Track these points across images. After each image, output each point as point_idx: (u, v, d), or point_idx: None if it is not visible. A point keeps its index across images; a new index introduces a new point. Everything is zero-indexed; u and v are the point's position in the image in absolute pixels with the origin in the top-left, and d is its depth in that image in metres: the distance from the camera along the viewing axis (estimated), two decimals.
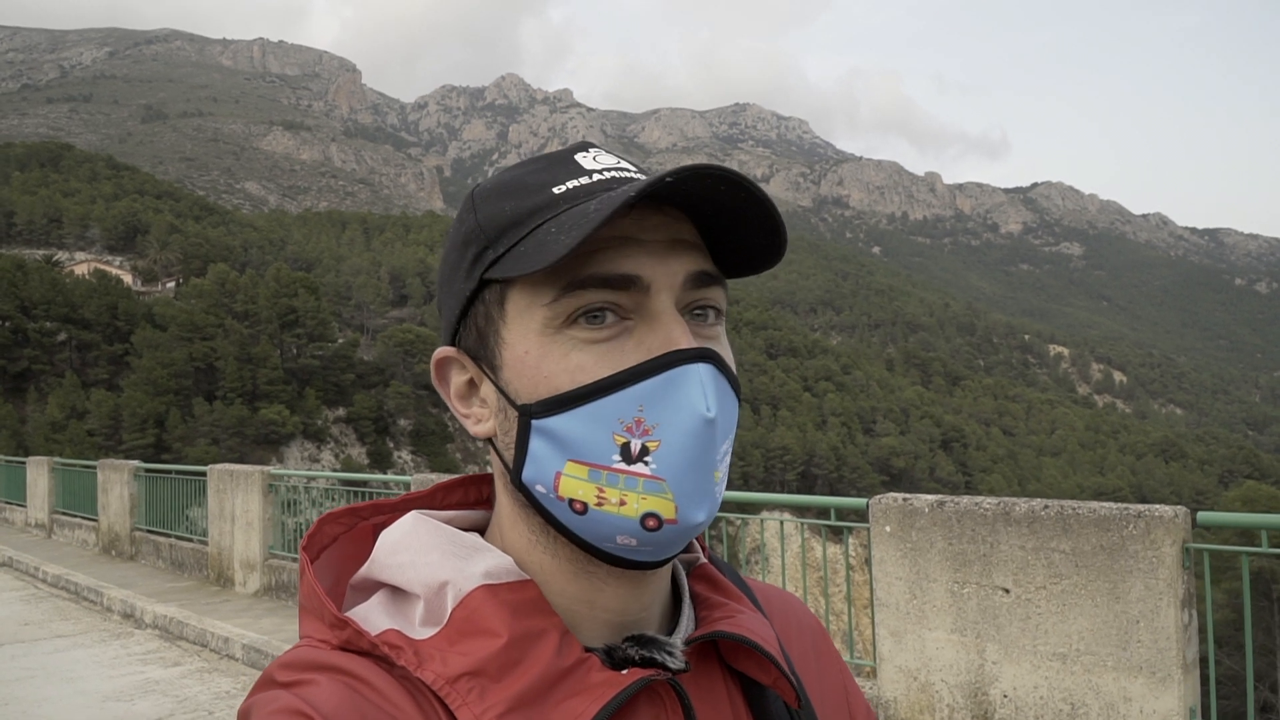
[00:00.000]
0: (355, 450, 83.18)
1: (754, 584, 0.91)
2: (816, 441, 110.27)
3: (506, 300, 0.71)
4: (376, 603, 0.73)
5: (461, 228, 0.74)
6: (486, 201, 0.73)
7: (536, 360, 0.69)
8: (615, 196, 0.65)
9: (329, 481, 11.78)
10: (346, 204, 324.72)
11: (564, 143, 0.80)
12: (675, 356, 0.67)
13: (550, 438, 0.69)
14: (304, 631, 0.72)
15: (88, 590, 11.61)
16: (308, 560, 0.76)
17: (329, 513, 0.81)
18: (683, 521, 0.68)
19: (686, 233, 0.71)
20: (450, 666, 0.67)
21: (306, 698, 0.64)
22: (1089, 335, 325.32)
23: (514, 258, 0.69)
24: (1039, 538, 4.49)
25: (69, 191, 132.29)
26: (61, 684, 7.64)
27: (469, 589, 0.70)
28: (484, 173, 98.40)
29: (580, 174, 0.72)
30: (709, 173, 0.66)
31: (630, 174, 0.73)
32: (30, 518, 18.69)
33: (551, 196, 0.70)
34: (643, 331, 0.69)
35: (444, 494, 0.84)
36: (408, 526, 0.76)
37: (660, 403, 0.67)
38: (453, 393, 0.77)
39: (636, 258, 0.68)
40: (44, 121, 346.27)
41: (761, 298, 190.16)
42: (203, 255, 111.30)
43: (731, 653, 0.77)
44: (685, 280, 0.70)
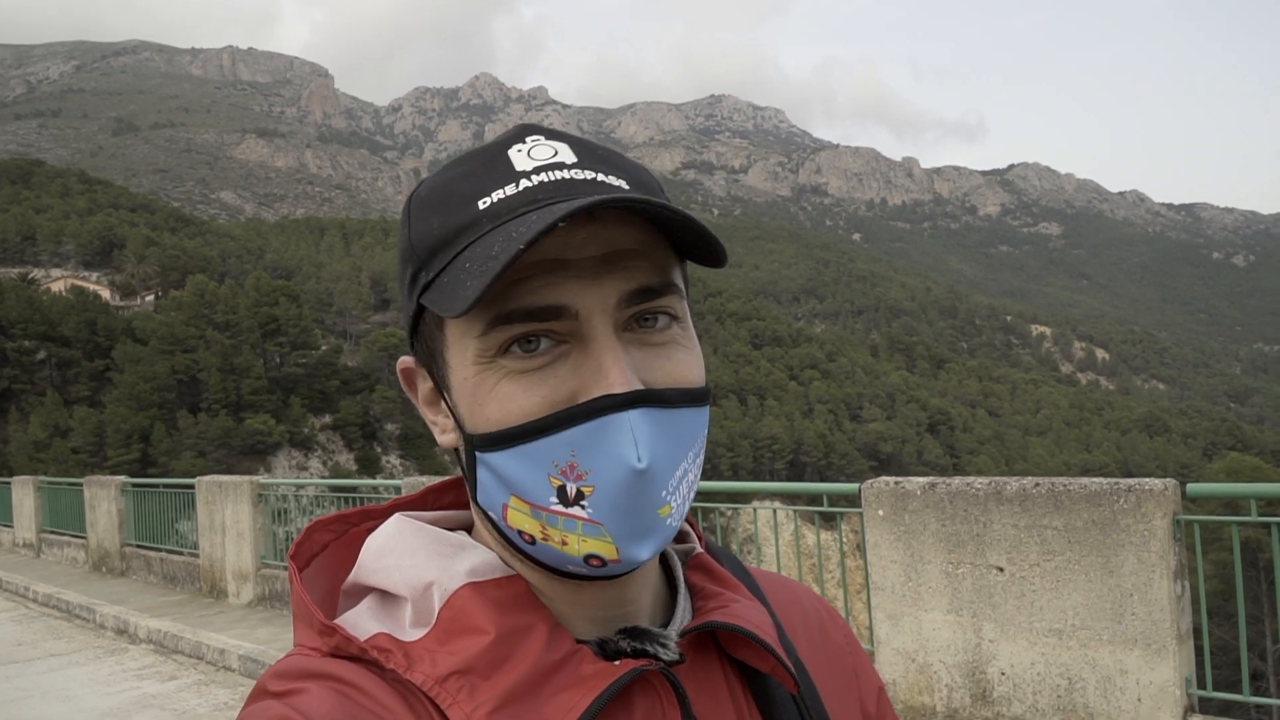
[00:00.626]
0: (343, 457, 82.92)
1: (755, 572, 0.90)
2: (804, 430, 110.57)
3: (444, 325, 0.70)
4: (366, 607, 0.73)
5: (401, 241, 0.73)
6: (419, 214, 0.71)
7: (473, 389, 0.68)
8: (514, 241, 0.62)
9: (318, 489, 11.73)
10: (324, 210, 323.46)
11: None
12: (602, 404, 0.65)
13: (493, 472, 0.68)
14: (296, 640, 0.72)
15: (79, 608, 11.55)
16: (296, 569, 0.76)
17: (318, 520, 0.80)
18: (625, 560, 0.67)
19: (625, 239, 0.67)
20: (439, 666, 0.66)
21: (298, 706, 0.63)
22: (1070, 314, 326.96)
23: (438, 289, 0.67)
24: (1031, 515, 4.52)
25: (41, 208, 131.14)
26: (58, 703, 7.61)
27: (454, 588, 0.70)
28: None
29: (509, 179, 0.69)
30: (604, 205, 0.63)
31: (564, 170, 0.69)
32: (18, 538, 18.57)
33: (475, 213, 0.68)
34: (578, 357, 0.67)
35: (435, 496, 0.83)
36: (392, 529, 0.76)
37: (591, 450, 0.65)
38: (421, 400, 0.77)
39: (562, 285, 0.66)
40: (13, 138, 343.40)
41: (744, 288, 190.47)
42: (181, 267, 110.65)
43: (730, 642, 0.77)
44: (620, 300, 0.67)
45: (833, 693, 0.85)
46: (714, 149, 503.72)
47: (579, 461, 0.65)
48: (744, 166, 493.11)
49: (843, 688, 0.87)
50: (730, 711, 0.76)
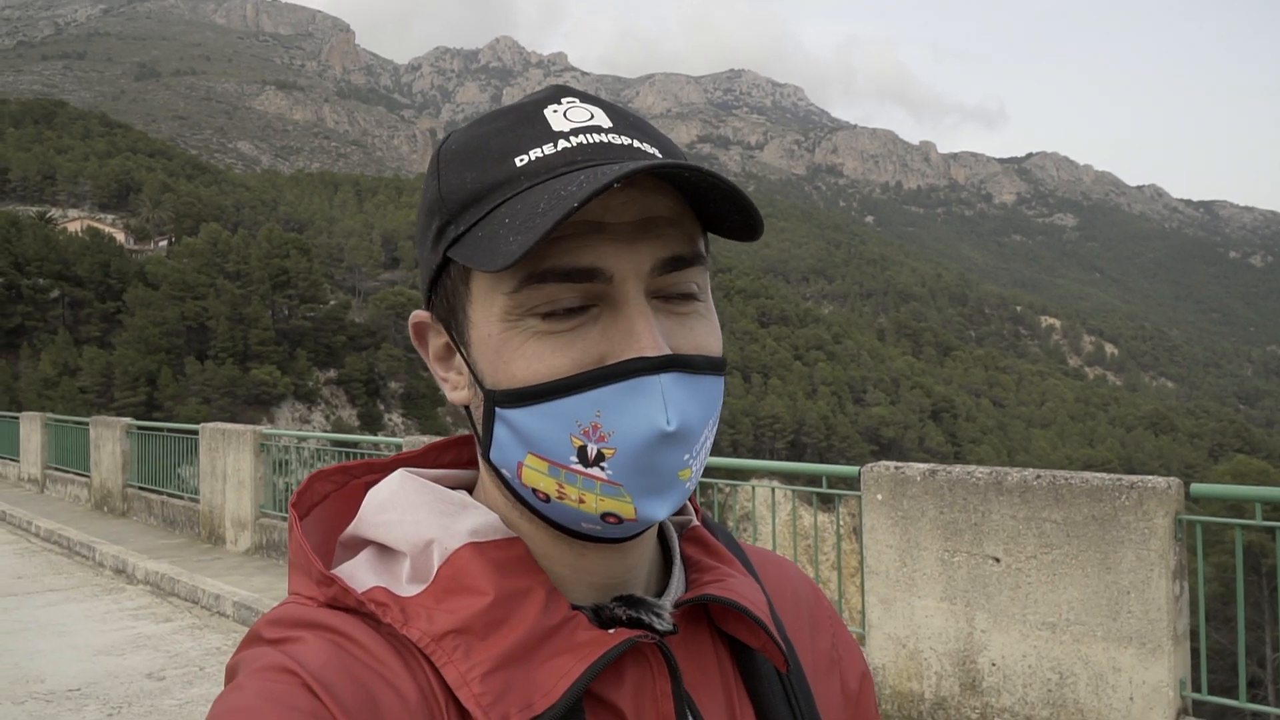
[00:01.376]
0: (346, 412, 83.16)
1: (748, 548, 0.90)
2: (806, 410, 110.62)
3: (471, 280, 0.70)
4: (364, 560, 0.73)
5: (428, 193, 0.73)
6: (450, 167, 0.71)
7: (498, 345, 0.68)
8: (564, 199, 0.62)
9: (320, 442, 11.76)
10: (339, 165, 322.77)
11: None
12: (636, 365, 0.65)
13: (512, 429, 0.68)
14: (292, 588, 0.72)
15: (80, 545, 11.63)
16: (296, 517, 0.76)
17: (320, 470, 0.80)
18: (643, 519, 0.67)
19: (661, 207, 0.68)
20: (436, 624, 0.66)
21: (293, 654, 0.64)
22: (1081, 307, 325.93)
23: (470, 244, 0.67)
24: (1031, 507, 4.50)
25: (62, 149, 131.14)
26: (54, 637, 7.67)
27: (455, 547, 0.70)
28: None
29: (545, 139, 0.68)
30: (659, 170, 0.63)
31: (600, 134, 0.69)
32: (23, 473, 18.70)
33: (513, 170, 0.67)
34: (607, 320, 0.67)
35: (437, 454, 0.84)
36: (395, 484, 0.76)
37: (617, 411, 0.65)
38: (432, 355, 0.76)
39: (599, 247, 0.65)
40: (38, 78, 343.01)
41: (753, 266, 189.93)
42: (195, 214, 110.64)
43: (721, 616, 0.77)
44: (653, 267, 0.67)
45: (816, 672, 0.85)
46: (731, 124, 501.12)
47: (603, 422, 0.65)
48: (760, 143, 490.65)
49: (826, 668, 0.87)
50: (718, 685, 0.76)
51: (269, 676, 0.62)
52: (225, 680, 0.66)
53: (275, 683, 0.62)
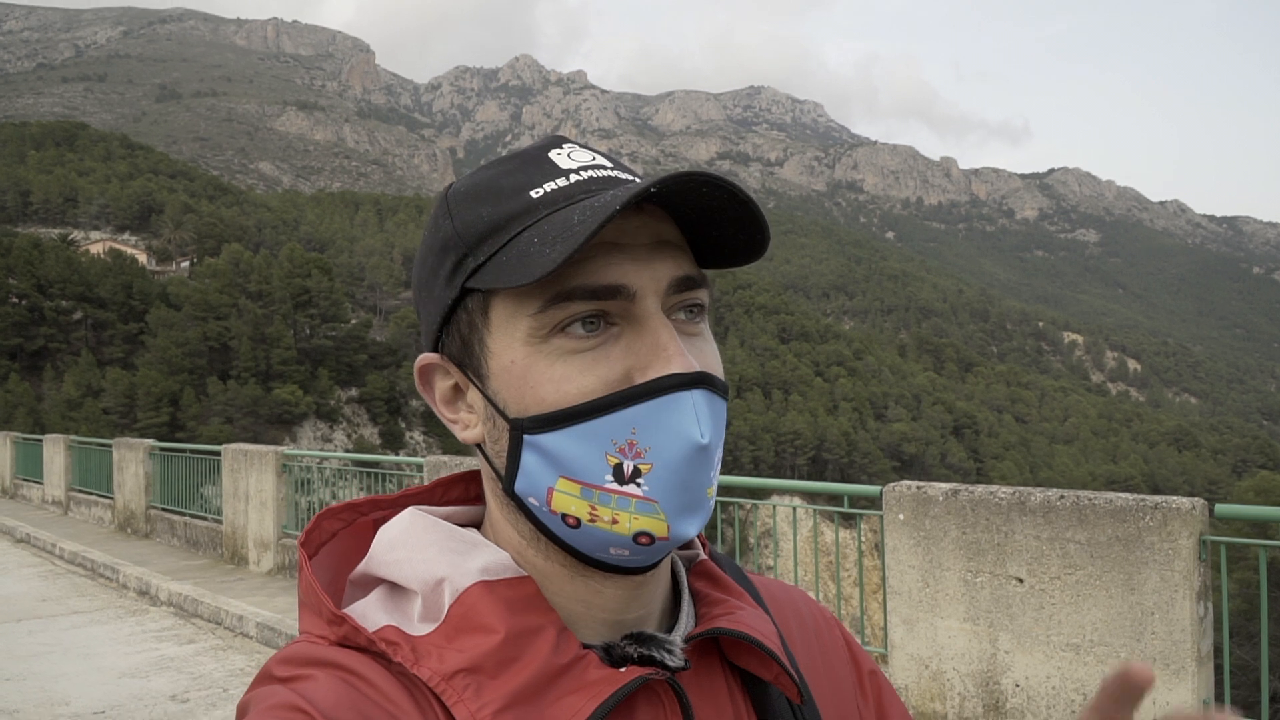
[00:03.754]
0: (367, 430, 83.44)
1: (756, 578, 0.90)
2: (828, 427, 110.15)
3: (490, 309, 0.70)
4: (375, 599, 0.73)
5: (438, 233, 0.73)
6: (462, 206, 0.72)
7: (523, 371, 0.68)
8: (599, 207, 0.64)
9: (341, 462, 11.81)
10: (360, 185, 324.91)
11: (577, 125, 0.78)
12: (670, 381, 0.67)
13: (542, 454, 0.68)
14: (303, 627, 0.72)
15: (104, 567, 11.70)
16: (305, 556, 0.76)
17: (327, 508, 0.80)
18: (674, 537, 0.68)
19: (668, 232, 0.71)
20: (446, 663, 0.66)
21: (304, 693, 0.64)
22: (1104, 323, 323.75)
23: (496, 268, 0.68)
24: (1054, 528, 4.48)
25: (84, 171, 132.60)
26: (78, 660, 7.72)
27: (466, 585, 0.70)
28: (497, 154, 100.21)
29: (556, 174, 0.71)
30: (693, 180, 0.65)
31: (606, 171, 0.72)
32: (47, 495, 18.83)
33: (530, 201, 0.69)
34: (630, 337, 0.68)
35: (444, 490, 0.84)
36: (405, 523, 0.76)
37: (653, 427, 0.66)
38: (438, 398, 0.76)
39: (621, 265, 0.67)
40: (59, 101, 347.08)
41: (774, 282, 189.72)
42: (217, 235, 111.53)
43: (733, 649, 0.77)
44: (670, 285, 0.69)
45: (827, 699, 0.85)
46: (751, 140, 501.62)
47: (639, 439, 0.66)
48: (780, 159, 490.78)
49: (839, 698, 0.87)
50: (731, 718, 0.76)
51: (279, 715, 0.62)
52: (236, 718, 0.66)
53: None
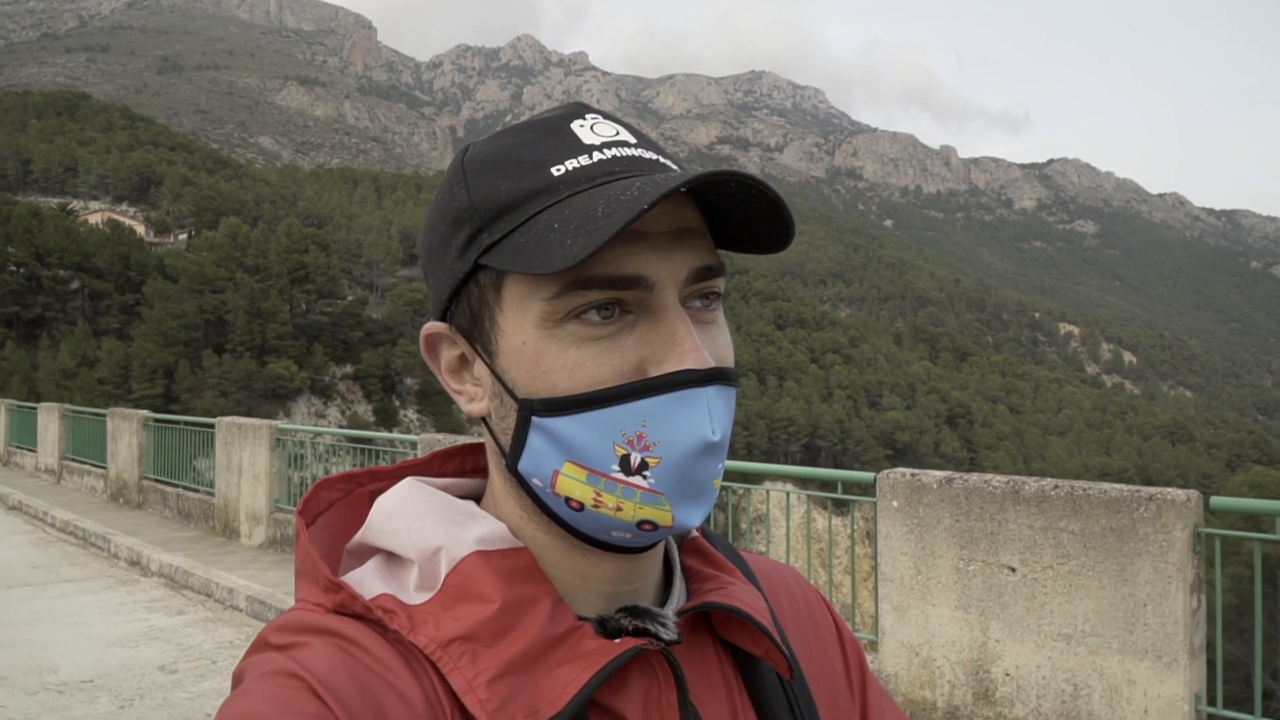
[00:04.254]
0: (362, 407, 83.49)
1: (748, 555, 0.91)
2: (822, 414, 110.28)
3: (503, 286, 0.69)
4: (371, 568, 0.73)
5: (452, 201, 0.72)
6: (479, 176, 0.71)
7: (534, 353, 0.68)
8: (626, 201, 0.63)
9: (335, 438, 11.79)
10: (359, 161, 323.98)
11: None
12: (685, 377, 0.66)
13: (550, 437, 0.68)
14: (299, 595, 0.72)
15: (95, 536, 11.69)
16: (303, 524, 0.76)
17: (325, 478, 0.80)
18: (679, 526, 0.68)
19: (691, 219, 0.70)
20: (443, 631, 0.67)
21: (300, 660, 0.64)
22: (1100, 315, 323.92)
23: (513, 249, 0.67)
24: (1048, 517, 4.46)
25: (85, 141, 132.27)
26: (68, 628, 7.71)
27: (463, 555, 0.70)
28: None
29: (579, 150, 0.69)
30: (722, 178, 0.65)
31: (629, 148, 0.71)
32: (40, 463, 18.82)
33: (550, 179, 0.68)
34: (645, 327, 0.68)
35: (441, 461, 0.84)
36: (404, 493, 0.76)
37: (664, 422, 0.66)
38: (444, 368, 0.76)
39: (641, 255, 0.67)
40: (62, 70, 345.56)
41: (771, 268, 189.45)
42: (215, 208, 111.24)
43: (723, 625, 0.77)
44: (689, 275, 0.69)
45: (818, 677, 0.86)
46: (751, 125, 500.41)
47: (649, 432, 0.66)
48: (780, 145, 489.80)
49: (828, 675, 0.87)
50: (722, 693, 0.76)
51: (275, 681, 0.62)
52: (232, 685, 0.66)
53: (282, 687, 0.62)
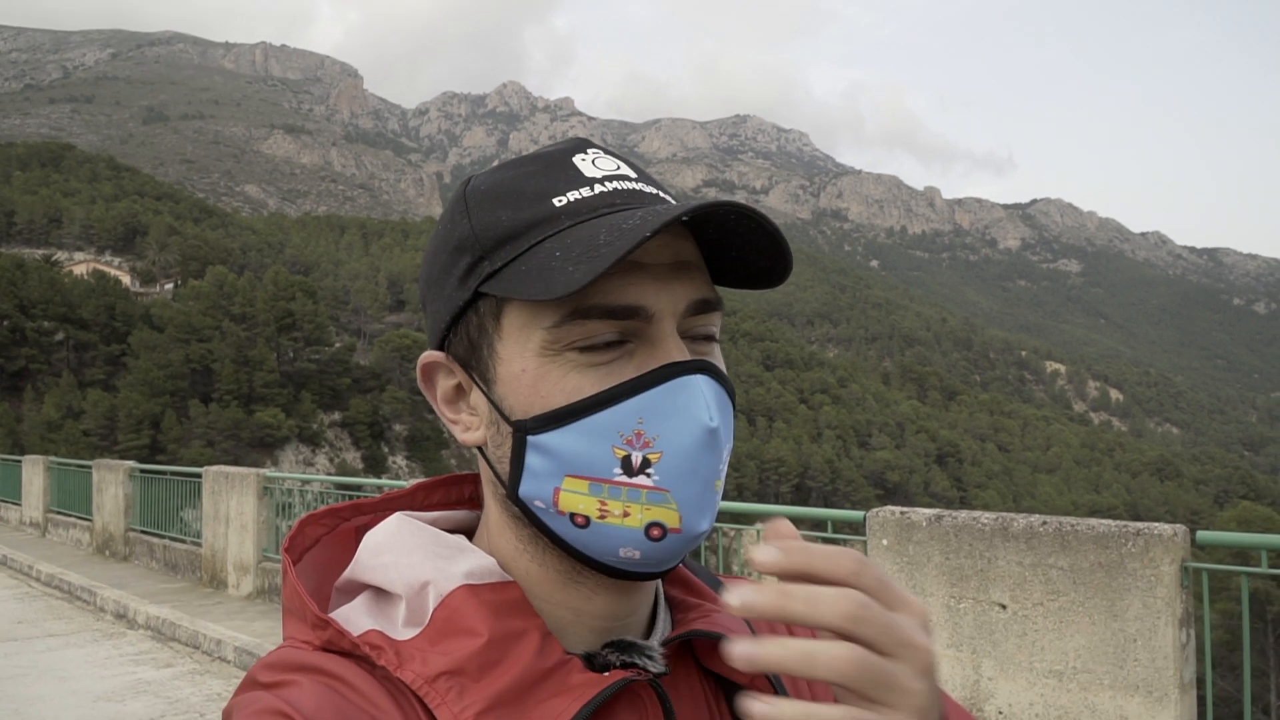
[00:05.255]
0: (350, 454, 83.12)
1: (726, 579, 0.89)
2: (812, 454, 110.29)
3: (503, 315, 0.70)
4: (360, 604, 0.73)
5: (454, 231, 0.72)
6: (481, 206, 0.71)
7: (533, 380, 0.68)
8: (628, 230, 0.64)
9: (324, 485, 11.75)
10: (346, 208, 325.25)
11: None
12: (675, 369, 0.67)
13: (547, 453, 0.68)
14: (287, 633, 0.72)
15: (81, 590, 11.58)
16: (290, 561, 0.76)
17: (310, 514, 0.80)
18: (687, 530, 0.68)
19: (688, 252, 0.71)
20: (430, 666, 0.66)
21: (288, 698, 0.63)
22: (1086, 353, 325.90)
23: (514, 277, 0.67)
24: (1037, 554, 4.48)
25: (69, 191, 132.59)
26: (54, 683, 7.63)
27: (450, 589, 0.70)
28: None
29: (580, 183, 0.70)
30: (721, 209, 0.66)
31: (630, 182, 0.72)
32: (25, 516, 18.66)
33: (552, 210, 0.69)
34: (643, 356, 0.68)
35: (425, 494, 0.83)
36: (392, 528, 0.76)
37: (660, 414, 0.67)
38: (440, 398, 0.76)
39: (641, 285, 0.67)
40: (46, 121, 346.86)
41: (759, 309, 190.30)
42: (201, 257, 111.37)
43: (707, 653, 0.77)
44: (687, 308, 0.70)
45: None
46: (736, 168, 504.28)
47: (646, 429, 0.66)
48: (765, 187, 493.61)
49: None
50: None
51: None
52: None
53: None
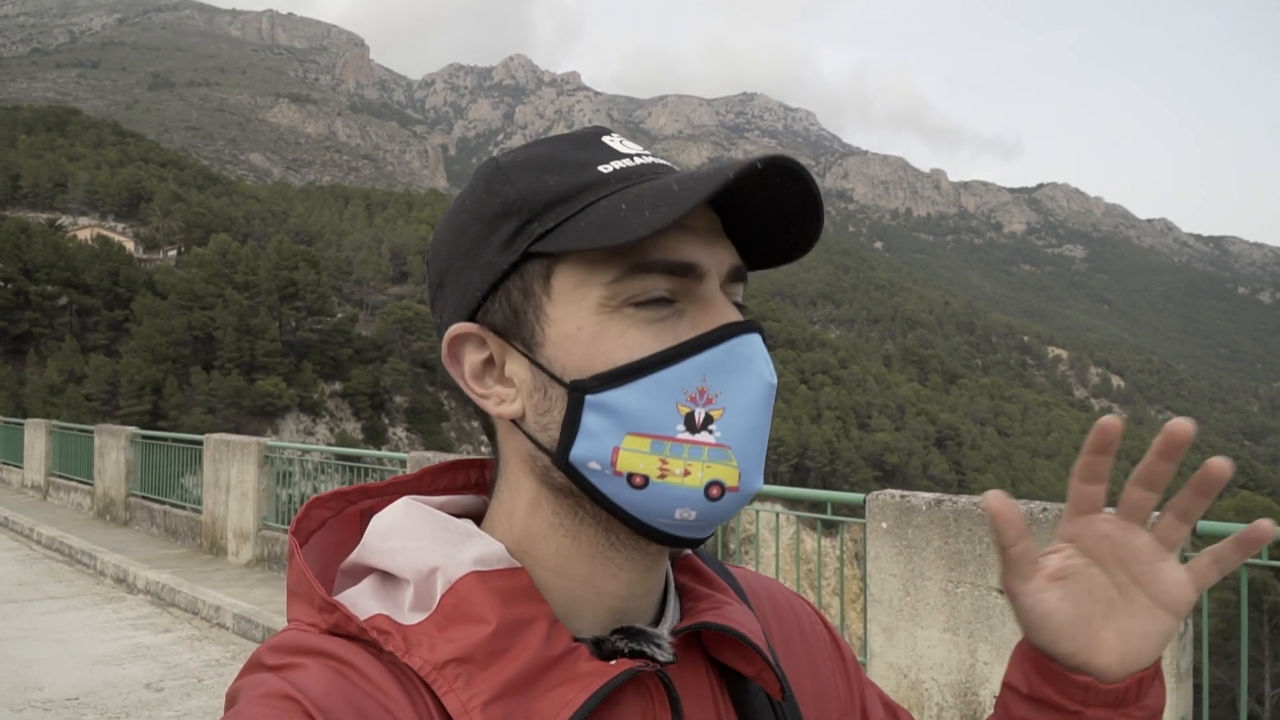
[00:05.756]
0: (350, 425, 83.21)
1: (737, 571, 0.90)
2: (811, 435, 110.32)
3: (553, 275, 0.70)
4: (366, 587, 0.73)
5: (494, 199, 0.72)
6: (523, 174, 0.71)
7: (591, 337, 0.68)
8: (703, 176, 0.65)
9: (324, 455, 11.77)
10: (350, 179, 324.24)
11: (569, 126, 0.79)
12: (735, 327, 0.68)
13: (608, 412, 0.68)
14: (292, 615, 0.72)
15: (81, 553, 11.63)
16: (297, 544, 0.75)
17: (317, 497, 0.80)
18: (744, 488, 0.68)
19: (718, 224, 0.72)
20: (438, 653, 0.66)
21: (294, 681, 0.63)
22: (1088, 339, 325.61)
23: (574, 232, 0.67)
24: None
25: (74, 156, 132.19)
26: (53, 645, 7.67)
27: (459, 575, 0.69)
28: (489, 152, 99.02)
29: (618, 156, 0.72)
30: (787, 163, 0.66)
31: (659, 160, 0.74)
32: (27, 479, 18.72)
33: (600, 175, 0.70)
34: (694, 314, 0.69)
35: (432, 478, 0.83)
36: (400, 512, 0.75)
37: (723, 372, 0.67)
38: (467, 373, 0.74)
39: (693, 245, 0.69)
40: (52, 86, 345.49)
41: (761, 289, 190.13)
42: (205, 225, 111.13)
43: (715, 644, 0.77)
44: (729, 272, 0.71)
45: (807, 694, 0.85)
46: (742, 146, 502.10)
47: (709, 385, 0.67)
48: None
49: (817, 687, 0.87)
50: (713, 714, 0.76)
51: (269, 703, 0.62)
52: (225, 707, 0.65)
53: (276, 709, 0.61)
